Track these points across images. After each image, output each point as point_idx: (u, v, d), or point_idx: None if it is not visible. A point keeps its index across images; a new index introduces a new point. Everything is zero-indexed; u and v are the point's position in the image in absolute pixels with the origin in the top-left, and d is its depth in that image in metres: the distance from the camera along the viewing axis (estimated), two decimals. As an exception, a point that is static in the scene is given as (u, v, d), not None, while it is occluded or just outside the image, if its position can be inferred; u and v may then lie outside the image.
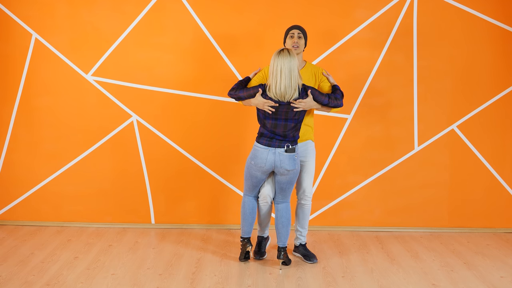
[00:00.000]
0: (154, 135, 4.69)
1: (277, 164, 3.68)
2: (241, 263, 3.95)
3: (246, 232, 3.93)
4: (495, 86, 4.61)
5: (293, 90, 3.58)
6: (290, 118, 3.65)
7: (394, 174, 4.68)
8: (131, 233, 4.60)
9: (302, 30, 3.89)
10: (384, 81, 4.61)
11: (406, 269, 3.84)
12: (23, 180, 4.74)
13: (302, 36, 3.86)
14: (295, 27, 3.89)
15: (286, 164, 3.67)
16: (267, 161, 3.68)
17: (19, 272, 3.72)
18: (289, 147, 3.67)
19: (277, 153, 3.67)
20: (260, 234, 4.13)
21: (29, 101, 4.67)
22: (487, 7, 4.52)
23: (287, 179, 3.74)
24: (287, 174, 3.71)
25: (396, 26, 4.55)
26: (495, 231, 4.71)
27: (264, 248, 4.11)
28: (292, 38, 3.83)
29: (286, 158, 3.66)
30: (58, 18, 4.58)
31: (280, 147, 3.67)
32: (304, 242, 4.08)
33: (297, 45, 3.82)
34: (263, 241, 4.13)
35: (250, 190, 3.89)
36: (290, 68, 3.55)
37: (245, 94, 3.73)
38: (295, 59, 3.58)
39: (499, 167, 4.67)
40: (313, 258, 3.97)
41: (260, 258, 4.03)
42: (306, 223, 4.06)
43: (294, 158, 3.68)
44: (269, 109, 3.62)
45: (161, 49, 4.59)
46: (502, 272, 3.81)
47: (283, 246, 3.80)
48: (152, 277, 3.67)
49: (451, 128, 4.65)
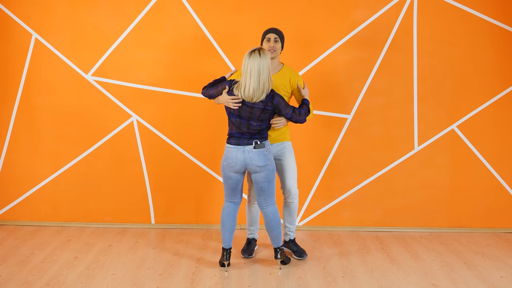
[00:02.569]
0: (154, 135, 4.69)
1: (248, 162, 3.66)
2: (241, 261, 3.95)
3: (225, 240, 3.81)
4: (495, 86, 4.60)
5: (261, 92, 3.56)
6: (253, 118, 3.62)
7: (394, 174, 4.68)
8: (131, 233, 4.60)
9: (279, 33, 3.86)
10: (384, 81, 4.60)
11: (406, 269, 3.83)
12: (23, 180, 4.75)
13: (279, 39, 3.84)
14: (271, 30, 3.86)
15: (256, 160, 3.64)
16: (237, 160, 3.66)
17: (19, 272, 3.73)
18: (257, 143, 3.65)
19: (246, 151, 3.65)
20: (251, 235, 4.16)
21: (29, 101, 4.67)
22: (487, 7, 4.51)
23: (262, 176, 3.68)
24: (260, 171, 3.67)
25: (396, 26, 4.55)
26: (495, 231, 4.71)
27: (253, 247, 4.12)
28: (269, 42, 3.82)
29: (255, 154, 3.64)
30: (58, 18, 4.58)
31: (249, 144, 3.66)
32: (293, 238, 4.12)
33: (273, 49, 3.80)
34: (253, 241, 4.16)
35: (229, 195, 3.83)
36: (259, 70, 3.52)
37: (214, 92, 3.73)
38: (266, 61, 3.53)
39: (499, 167, 4.67)
40: (303, 253, 4.01)
41: (247, 256, 4.03)
42: (294, 220, 4.10)
43: (264, 154, 3.65)
44: (234, 105, 3.60)
45: (161, 49, 4.59)
46: (502, 272, 3.81)
47: (277, 246, 3.80)
48: (152, 277, 3.67)
49: (451, 128, 4.65)
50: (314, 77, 4.55)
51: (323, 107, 4.62)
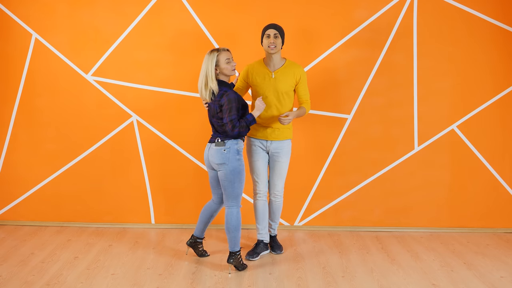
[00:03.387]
0: (154, 135, 4.68)
1: (210, 158, 3.72)
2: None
3: (195, 228, 4.04)
4: (495, 86, 4.60)
5: (208, 92, 3.62)
6: (213, 117, 3.70)
7: (394, 174, 4.68)
8: (131, 233, 4.60)
9: (279, 29, 3.87)
10: (384, 81, 4.60)
11: (406, 269, 3.83)
12: (23, 180, 4.74)
13: (279, 35, 3.85)
14: (271, 26, 3.87)
15: (213, 157, 3.67)
16: (205, 156, 3.78)
17: (19, 272, 3.72)
18: (218, 141, 3.68)
19: (209, 148, 3.73)
20: (258, 236, 4.13)
21: (29, 101, 4.66)
22: (487, 7, 4.51)
23: (222, 175, 3.68)
24: (218, 169, 3.69)
25: (396, 26, 4.54)
26: (495, 231, 4.70)
27: (260, 251, 4.08)
28: (269, 38, 3.83)
29: (214, 151, 3.68)
30: (58, 18, 4.58)
31: (213, 142, 3.72)
32: (274, 234, 4.22)
33: (274, 45, 3.82)
34: (261, 244, 4.11)
35: (212, 191, 3.94)
36: (205, 68, 3.61)
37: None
38: (211, 59, 3.60)
39: (499, 167, 4.66)
40: (277, 249, 4.15)
41: (249, 259, 4.00)
42: (277, 217, 4.18)
43: (221, 152, 3.65)
44: (204, 106, 3.76)
45: (161, 49, 4.59)
46: (502, 272, 3.81)
47: (231, 250, 3.76)
48: (152, 277, 3.67)
49: (451, 128, 4.64)
50: (314, 77, 4.55)
51: (323, 107, 4.61)
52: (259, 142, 3.98)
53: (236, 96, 3.62)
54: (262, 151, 4.00)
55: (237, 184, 3.68)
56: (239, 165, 3.66)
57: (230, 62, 3.65)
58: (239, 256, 3.77)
